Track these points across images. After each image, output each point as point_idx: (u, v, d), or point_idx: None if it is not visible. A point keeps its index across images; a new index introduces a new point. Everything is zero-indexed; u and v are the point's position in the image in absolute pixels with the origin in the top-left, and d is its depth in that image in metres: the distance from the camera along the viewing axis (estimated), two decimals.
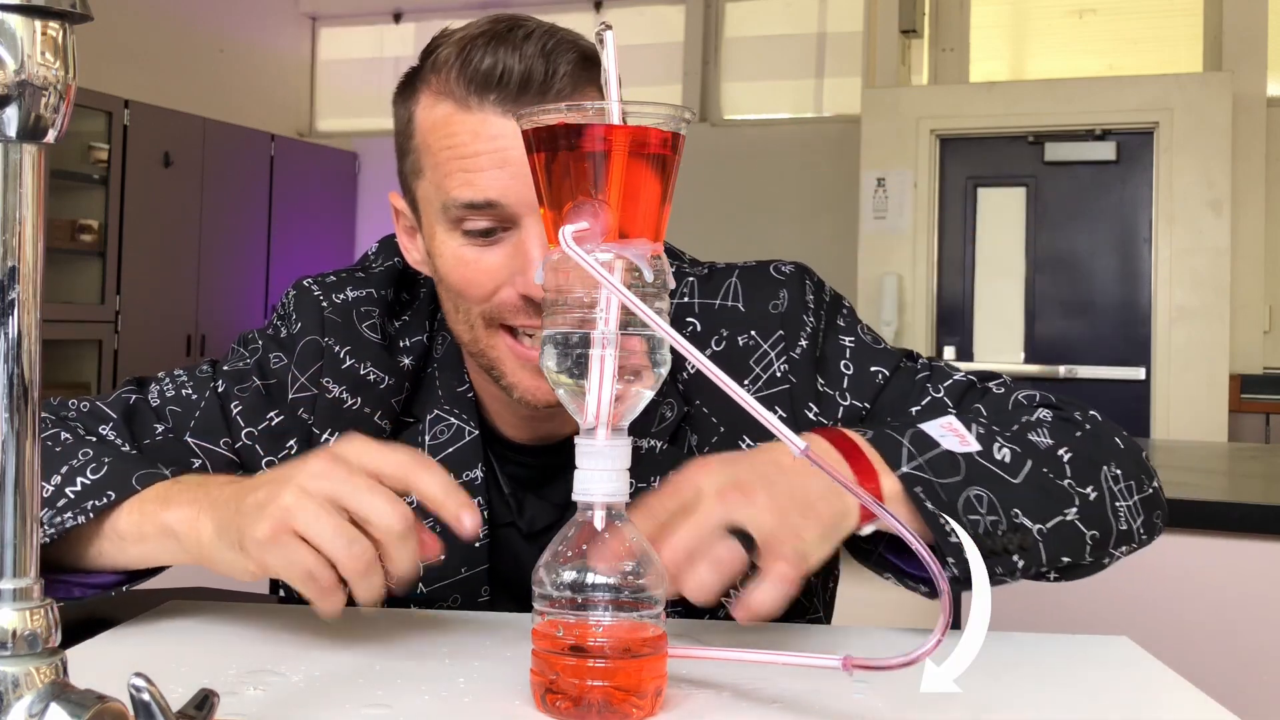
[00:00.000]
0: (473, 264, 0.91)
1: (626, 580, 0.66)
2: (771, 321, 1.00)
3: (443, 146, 0.91)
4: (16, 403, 0.51)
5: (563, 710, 0.65)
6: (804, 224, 6.19)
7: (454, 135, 0.90)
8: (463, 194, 0.89)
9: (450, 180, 0.90)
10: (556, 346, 0.66)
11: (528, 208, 0.88)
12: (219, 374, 1.05)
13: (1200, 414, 5.00)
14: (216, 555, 0.79)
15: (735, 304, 1.01)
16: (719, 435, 1.00)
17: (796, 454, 0.62)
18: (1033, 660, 0.83)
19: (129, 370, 5.33)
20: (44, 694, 0.50)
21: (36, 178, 0.51)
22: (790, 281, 1.01)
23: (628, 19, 6.55)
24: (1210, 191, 5.06)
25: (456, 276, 0.93)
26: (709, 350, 0.99)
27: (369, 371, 1.03)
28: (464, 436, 1.01)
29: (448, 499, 0.74)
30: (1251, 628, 1.76)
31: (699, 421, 1.00)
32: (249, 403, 1.03)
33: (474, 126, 0.89)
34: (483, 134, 0.89)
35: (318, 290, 1.05)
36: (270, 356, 1.04)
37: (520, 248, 0.90)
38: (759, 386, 0.99)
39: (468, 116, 0.90)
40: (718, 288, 1.02)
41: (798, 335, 1.00)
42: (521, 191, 0.87)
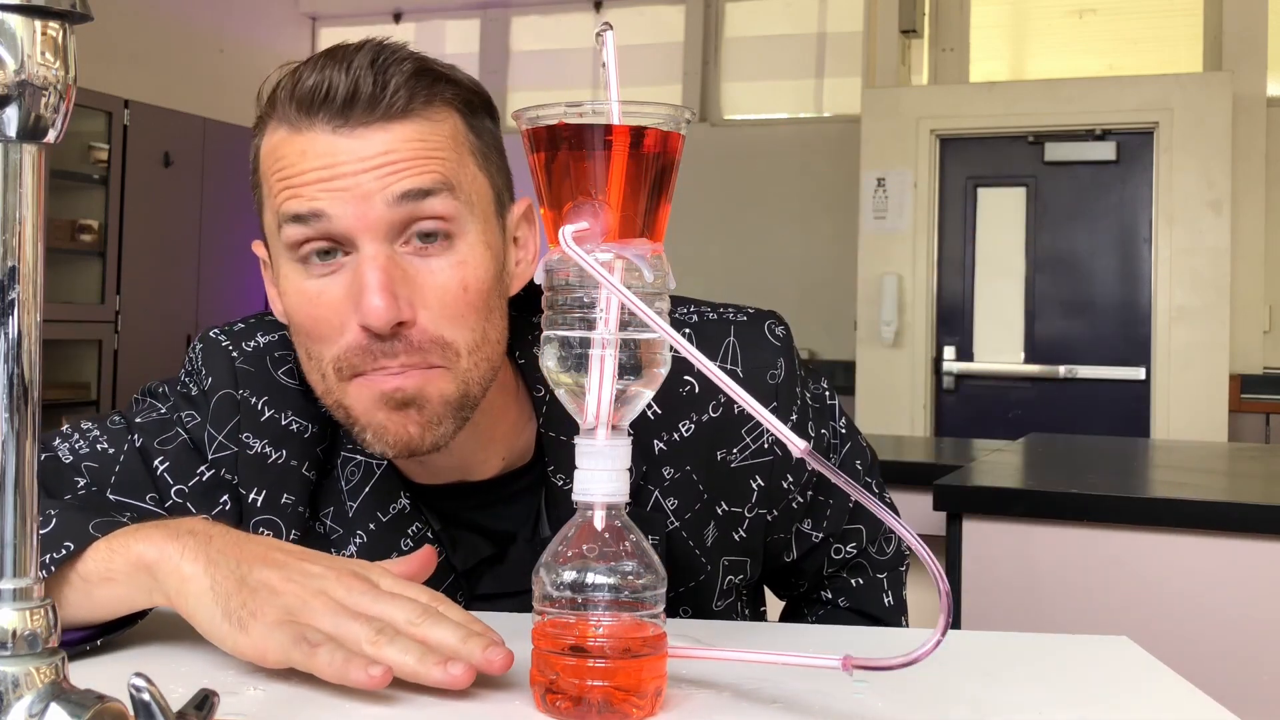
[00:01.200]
0: (315, 298, 0.86)
1: (626, 580, 0.66)
2: (767, 392, 0.98)
3: (274, 170, 0.87)
4: (16, 403, 0.51)
5: (563, 710, 0.65)
6: (804, 224, 6.19)
7: (283, 158, 0.86)
8: (290, 207, 0.85)
9: (279, 198, 0.86)
10: (557, 347, 0.66)
11: (361, 225, 0.84)
12: (134, 427, 0.99)
13: (1200, 414, 5.00)
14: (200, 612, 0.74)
15: (735, 368, 0.98)
16: (701, 502, 0.98)
17: (797, 453, 0.62)
18: (1033, 660, 0.83)
19: (129, 370, 5.33)
20: (44, 694, 0.50)
21: (36, 178, 0.51)
22: (784, 350, 1.00)
23: (628, 19, 6.55)
24: (1210, 191, 5.06)
25: (302, 315, 0.87)
26: (706, 415, 0.97)
27: (290, 421, 0.97)
28: (375, 471, 0.97)
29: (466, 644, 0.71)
30: (1251, 628, 1.76)
31: (684, 487, 0.97)
32: (175, 457, 0.97)
33: (302, 146, 0.85)
34: (310, 152, 0.85)
35: (226, 340, 1.00)
36: (183, 415, 0.99)
37: (357, 274, 0.84)
38: (746, 456, 0.98)
39: (297, 138, 0.86)
40: (715, 346, 0.99)
41: (790, 409, 0.99)
42: (351, 208, 0.83)
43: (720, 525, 1.00)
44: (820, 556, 1.09)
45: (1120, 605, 1.82)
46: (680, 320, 1.00)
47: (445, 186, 0.86)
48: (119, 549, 0.78)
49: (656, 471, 0.97)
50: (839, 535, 1.08)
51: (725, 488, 0.98)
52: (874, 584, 1.11)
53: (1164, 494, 1.99)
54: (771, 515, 1.01)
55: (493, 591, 0.98)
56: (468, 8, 7.04)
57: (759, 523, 1.01)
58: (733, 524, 1.00)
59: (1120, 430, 5.00)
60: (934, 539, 1.83)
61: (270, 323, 1.01)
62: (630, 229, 0.66)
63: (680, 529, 0.98)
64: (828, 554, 1.09)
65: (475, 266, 0.87)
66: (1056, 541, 1.88)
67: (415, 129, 0.86)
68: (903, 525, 0.62)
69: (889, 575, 1.12)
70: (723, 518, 0.99)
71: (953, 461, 2.52)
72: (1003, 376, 5.40)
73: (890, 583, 1.12)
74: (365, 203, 0.83)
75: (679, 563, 0.98)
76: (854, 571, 1.11)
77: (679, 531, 0.98)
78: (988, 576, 1.92)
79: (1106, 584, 1.84)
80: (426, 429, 0.87)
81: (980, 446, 2.99)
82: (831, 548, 1.09)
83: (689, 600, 1.01)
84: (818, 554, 1.08)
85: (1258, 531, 1.77)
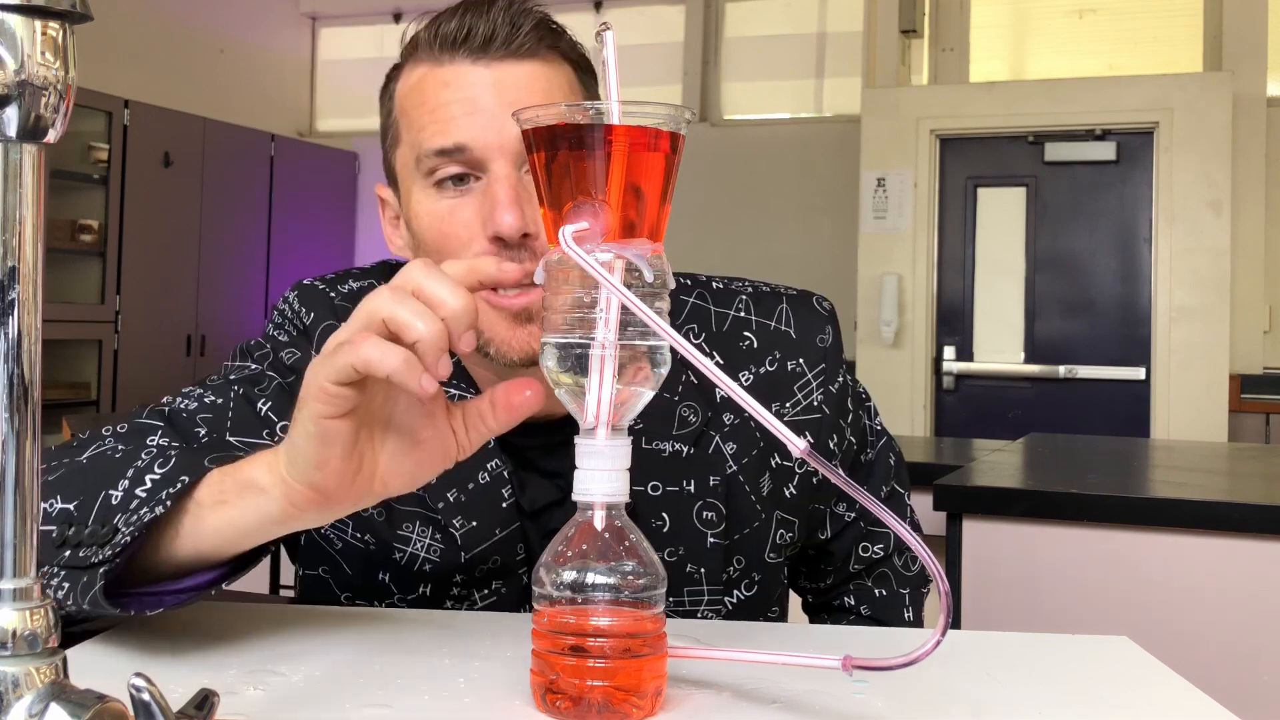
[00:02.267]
0: (447, 217, 0.93)
1: (626, 580, 0.66)
2: (817, 354, 1.07)
3: (416, 104, 0.95)
4: (16, 403, 0.51)
5: (563, 710, 0.65)
6: (804, 224, 6.19)
7: (426, 90, 0.95)
8: (434, 142, 0.93)
9: (424, 133, 0.94)
10: (557, 347, 0.66)
11: (496, 152, 0.91)
12: (231, 382, 1.03)
13: (1200, 414, 5.00)
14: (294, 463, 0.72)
15: (788, 329, 1.07)
16: (758, 449, 1.04)
17: (797, 453, 0.62)
18: (1033, 660, 0.83)
19: (129, 370, 5.33)
20: (44, 694, 0.50)
21: (36, 178, 0.51)
22: (831, 320, 1.09)
23: (628, 19, 6.55)
24: (1210, 191, 5.06)
25: (433, 234, 0.94)
26: (763, 368, 1.05)
27: None
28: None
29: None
30: (1251, 628, 1.76)
31: (743, 433, 1.03)
32: (276, 399, 1.01)
33: (444, 78, 0.94)
34: (453, 83, 0.93)
35: (322, 285, 1.08)
36: (283, 354, 1.04)
37: (489, 193, 0.91)
38: (798, 411, 1.05)
39: (439, 71, 0.94)
40: (771, 310, 1.07)
41: (837, 372, 1.08)
42: (489, 138, 0.91)
43: (774, 478, 1.05)
44: (851, 540, 1.14)
45: (1120, 605, 1.82)
46: (736, 290, 1.09)
47: None
48: (230, 473, 0.78)
49: (718, 418, 1.03)
50: (870, 523, 1.14)
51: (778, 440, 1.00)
52: (897, 598, 1.16)
53: (1164, 494, 1.99)
54: (816, 479, 1.06)
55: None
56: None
57: (806, 483, 1.06)
58: (784, 479, 1.05)
59: (1120, 430, 5.00)
60: (934, 539, 1.83)
61: (358, 273, 1.09)
62: (630, 229, 0.66)
63: (738, 473, 1.03)
64: (858, 543, 1.14)
65: None
66: (1056, 541, 1.88)
67: (542, 70, 0.95)
68: (902, 525, 0.62)
69: (911, 593, 1.17)
70: (776, 471, 1.05)
71: (953, 461, 2.52)
72: (1003, 376, 5.40)
73: (912, 599, 1.17)
74: (499, 126, 0.91)
75: (736, 507, 1.03)
76: (879, 581, 1.16)
77: (737, 476, 1.03)
78: (988, 576, 1.92)
79: (1106, 584, 1.84)
80: None
81: (980, 446, 2.99)
82: (861, 540, 1.14)
83: (743, 548, 1.04)
84: (848, 536, 1.14)
85: (1258, 531, 1.77)
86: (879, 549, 1.15)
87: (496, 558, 0.99)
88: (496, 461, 1.00)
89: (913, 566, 1.17)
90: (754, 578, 1.05)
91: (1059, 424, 5.03)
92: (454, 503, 0.99)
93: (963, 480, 2.05)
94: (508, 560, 0.99)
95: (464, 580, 0.99)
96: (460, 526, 0.98)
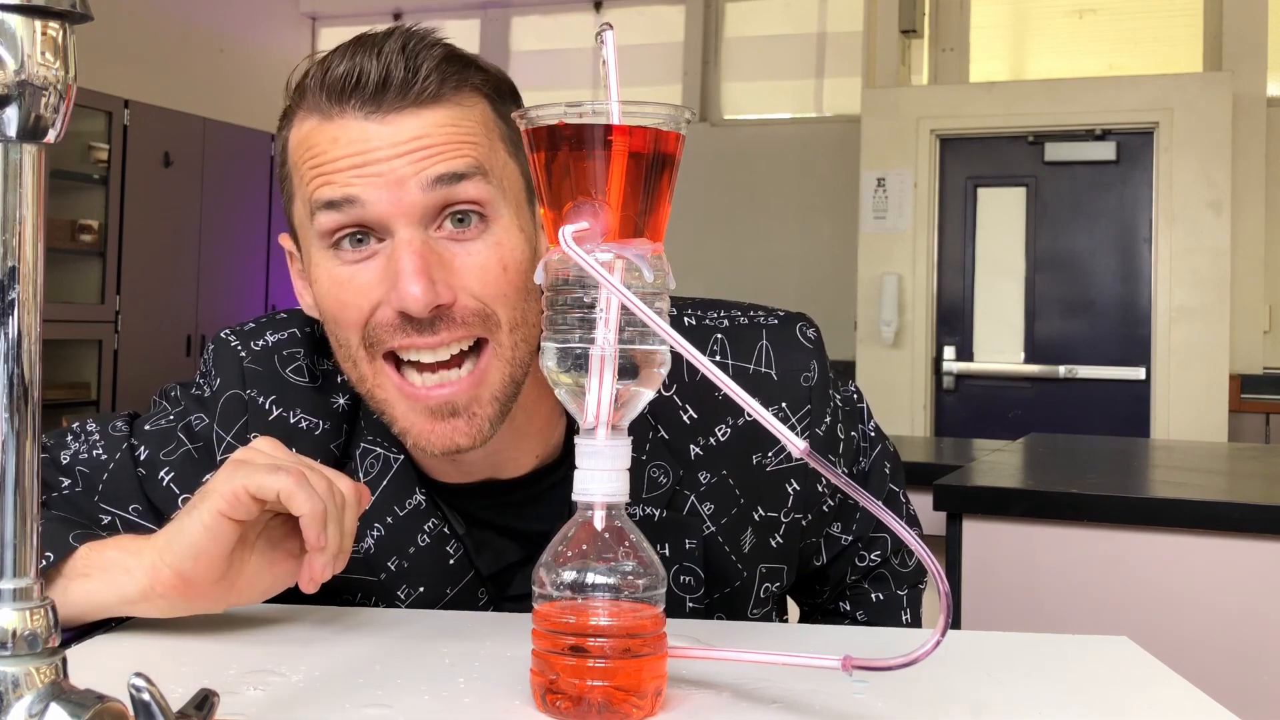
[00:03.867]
0: (346, 283, 0.86)
1: (626, 580, 0.66)
2: (801, 395, 0.98)
3: (306, 159, 0.87)
4: (16, 403, 0.51)
5: (563, 710, 0.65)
6: (804, 224, 6.19)
7: (315, 145, 0.87)
8: (323, 194, 0.85)
9: (311, 186, 0.86)
10: (557, 347, 0.66)
11: (395, 210, 0.84)
12: (140, 434, 1.00)
13: (1200, 414, 5.00)
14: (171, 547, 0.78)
15: (769, 371, 0.97)
16: (738, 507, 0.98)
17: (797, 454, 0.62)
18: (1033, 660, 0.83)
19: (129, 370, 5.33)
20: (44, 694, 0.50)
21: (36, 178, 0.51)
22: (816, 353, 1.00)
23: (628, 19, 6.55)
24: (1210, 191, 5.06)
25: (331, 300, 0.87)
26: (742, 419, 0.96)
27: (299, 419, 0.96)
28: (392, 465, 0.96)
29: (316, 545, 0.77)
30: (1251, 628, 1.76)
31: (721, 491, 0.97)
32: (180, 468, 0.98)
33: (333, 133, 0.86)
34: (341, 139, 0.85)
35: (235, 340, 1.00)
36: (193, 418, 0.99)
37: (392, 261, 0.84)
38: (780, 461, 0.98)
39: (328, 125, 0.86)
40: (749, 349, 0.98)
41: (824, 413, 0.99)
42: (385, 194, 0.83)
43: (757, 531, 0.99)
44: (847, 561, 1.09)
45: (1120, 605, 1.82)
46: (711, 325, 0.99)
47: (479, 170, 0.86)
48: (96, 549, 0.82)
49: (693, 476, 0.96)
50: (866, 541, 1.09)
51: (761, 492, 0.97)
52: (894, 600, 1.12)
53: (1164, 494, 1.99)
54: (805, 520, 1.01)
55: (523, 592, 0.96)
56: (468, 8, 7.04)
57: (794, 528, 1.00)
58: (770, 530, 0.99)
59: (1120, 430, 5.00)
60: (934, 539, 1.83)
61: (281, 320, 1.01)
62: (630, 229, 0.66)
63: (717, 534, 0.97)
64: (854, 559, 1.09)
65: (511, 249, 0.87)
66: (1056, 541, 1.88)
67: (447, 114, 0.86)
68: (901, 525, 0.62)
69: (909, 593, 1.12)
70: (760, 524, 0.99)
71: (953, 461, 2.52)
72: (1003, 376, 5.40)
73: (909, 600, 1.12)
74: (399, 188, 0.83)
75: (715, 568, 0.97)
76: (876, 584, 1.12)
77: (715, 537, 0.97)
78: (988, 576, 1.92)
79: (1106, 584, 1.84)
80: (476, 434, 0.87)
81: (980, 446, 2.99)
82: (858, 553, 1.09)
83: (724, 607, 1.00)
84: (845, 558, 1.09)
85: (1258, 531, 1.77)
86: (875, 556, 1.10)
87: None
88: (433, 521, 0.95)
89: (910, 562, 1.13)
90: None
91: (1059, 424, 5.03)
92: (397, 570, 0.95)
93: (963, 480, 2.05)
94: None
95: None
96: (406, 596, 0.95)
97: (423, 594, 0.95)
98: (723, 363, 0.97)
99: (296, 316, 1.01)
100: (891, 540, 1.11)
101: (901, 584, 1.13)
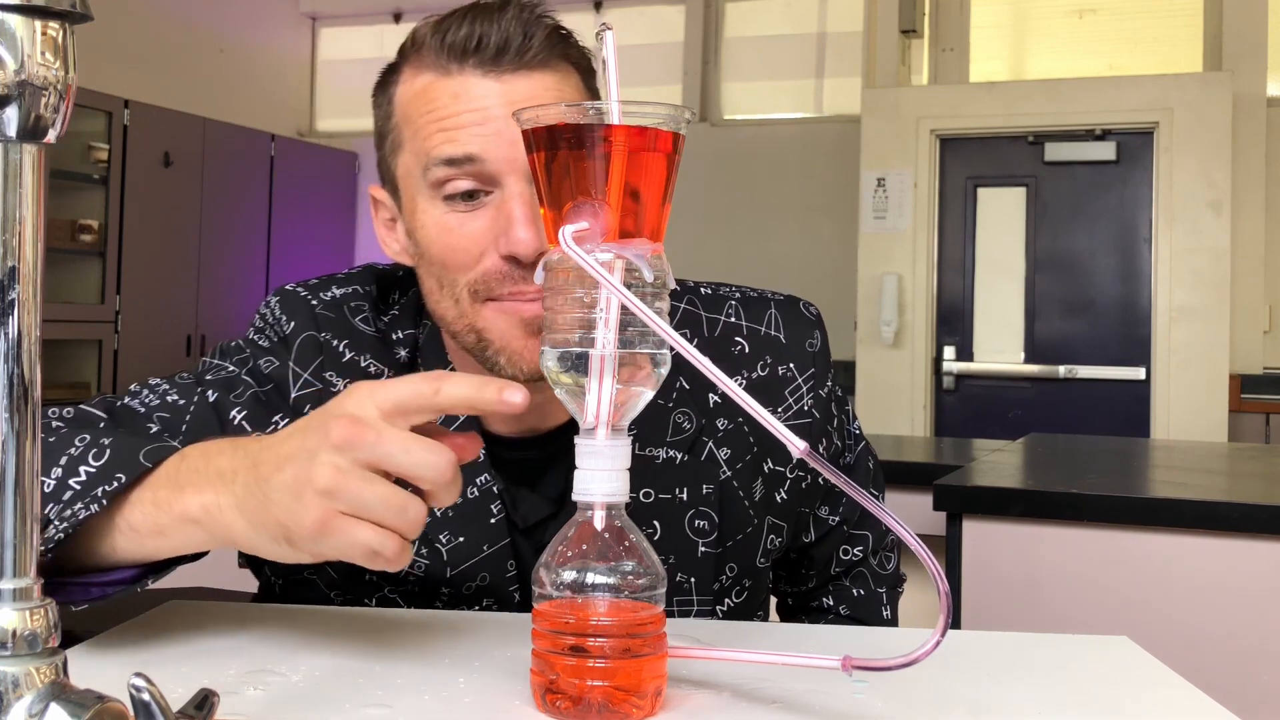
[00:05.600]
0: (455, 230, 0.91)
1: (626, 580, 0.66)
2: (807, 359, 1.06)
3: (423, 113, 0.93)
4: (16, 403, 0.51)
5: (563, 710, 0.65)
6: (804, 224, 6.19)
7: (434, 100, 0.92)
8: (443, 150, 0.90)
9: (431, 141, 0.91)
10: (557, 347, 0.66)
11: (509, 166, 0.89)
12: (203, 383, 1.01)
13: (1200, 414, 5.00)
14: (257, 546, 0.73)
15: (777, 334, 1.06)
16: (751, 454, 1.03)
17: (796, 454, 0.62)
18: (1033, 660, 0.83)
19: (129, 370, 5.33)
20: (44, 694, 0.50)
21: (36, 178, 0.51)
22: (819, 325, 1.09)
23: (628, 19, 6.55)
24: (1210, 191, 5.06)
25: (440, 246, 0.92)
26: (755, 373, 1.04)
27: (369, 364, 1.02)
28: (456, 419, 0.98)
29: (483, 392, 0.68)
30: (1251, 628, 1.76)
31: (736, 438, 1.02)
32: (251, 408, 1.00)
33: (454, 89, 0.91)
34: (462, 95, 0.91)
35: (303, 291, 1.05)
36: (261, 362, 1.02)
37: (503, 209, 0.90)
38: (788, 416, 1.05)
39: (448, 81, 0.92)
40: (760, 314, 1.07)
41: (825, 377, 1.08)
42: (503, 150, 0.89)
43: (766, 483, 1.05)
44: (833, 545, 1.14)
45: (1120, 605, 1.82)
46: (725, 296, 1.08)
47: None
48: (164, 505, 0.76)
49: (711, 424, 1.02)
50: (851, 527, 1.14)
51: (771, 444, 1.02)
52: (874, 597, 1.17)
53: (1164, 494, 1.99)
54: (805, 483, 1.07)
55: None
56: None
57: (796, 488, 1.07)
58: (776, 484, 1.05)
59: (1120, 430, 5.00)
60: (934, 539, 1.83)
61: (341, 279, 1.07)
62: (630, 229, 0.66)
63: (732, 478, 1.02)
64: (839, 547, 1.14)
65: None
66: (1056, 541, 1.88)
67: (552, 79, 0.93)
68: (900, 524, 0.62)
69: (888, 591, 1.18)
70: (769, 476, 1.05)
71: (953, 461, 2.52)
72: (1003, 376, 5.40)
73: (889, 598, 1.18)
74: (512, 142, 0.88)
75: (730, 512, 1.02)
76: (857, 581, 1.17)
77: (730, 481, 1.02)
78: (988, 576, 1.92)
79: (1106, 584, 1.84)
80: None
81: (980, 446, 2.99)
82: (842, 543, 1.14)
83: (736, 555, 1.03)
84: (831, 540, 1.14)
85: (1258, 531, 1.77)
86: (858, 551, 1.15)
87: (485, 574, 0.98)
88: (486, 476, 0.98)
89: (888, 566, 1.18)
90: (744, 584, 1.05)
91: (1059, 424, 5.03)
92: (441, 517, 0.97)
93: (963, 480, 2.05)
94: (496, 579, 0.98)
95: (450, 595, 0.98)
96: (447, 542, 0.97)
97: (461, 544, 0.98)
98: (737, 323, 1.06)
99: (355, 276, 1.08)
100: (873, 541, 1.16)
101: (880, 584, 1.17)
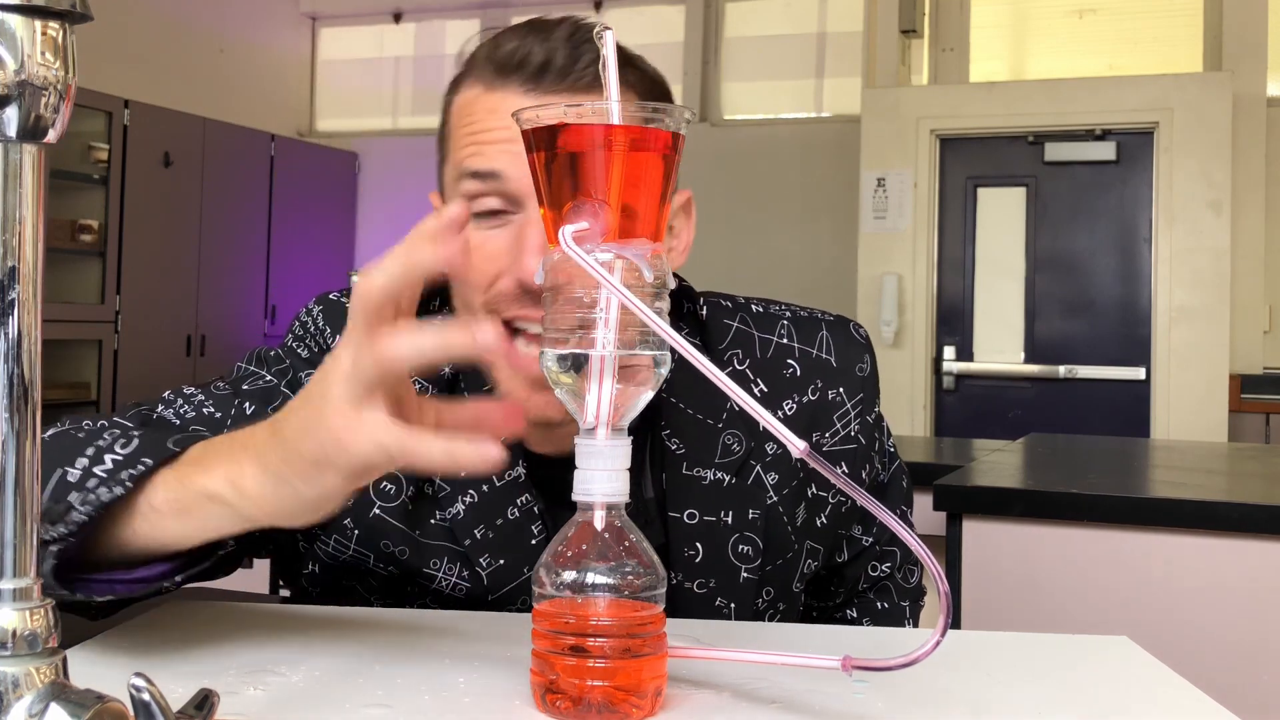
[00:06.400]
0: (478, 249, 0.91)
1: (626, 580, 0.66)
2: (856, 383, 1.07)
3: (463, 125, 0.93)
4: (16, 403, 0.51)
5: (563, 710, 0.65)
6: (804, 224, 6.19)
7: (474, 113, 0.92)
8: (471, 163, 0.90)
9: (463, 153, 0.92)
10: (557, 347, 0.66)
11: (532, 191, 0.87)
12: (240, 394, 0.99)
13: (1200, 414, 5.00)
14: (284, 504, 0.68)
15: (829, 358, 1.06)
16: (797, 480, 1.02)
17: (796, 455, 0.62)
18: (1033, 660, 0.83)
19: (129, 370, 5.33)
20: (44, 694, 0.50)
21: (36, 178, 0.51)
22: (868, 348, 1.10)
23: (628, 19, 6.55)
24: (1210, 191, 5.06)
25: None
26: (805, 397, 1.04)
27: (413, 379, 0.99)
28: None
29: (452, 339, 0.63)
30: (1251, 628, 1.76)
31: (784, 463, 1.01)
32: None
33: (493, 104, 0.91)
34: (499, 110, 0.90)
35: (346, 301, 1.02)
36: (302, 374, 0.99)
37: (520, 233, 0.89)
38: (836, 441, 1.05)
39: (490, 95, 0.92)
40: (812, 337, 1.06)
41: (874, 402, 1.08)
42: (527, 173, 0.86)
43: (809, 508, 1.04)
44: (864, 564, 1.13)
45: (1120, 605, 1.82)
46: (777, 314, 1.08)
47: None
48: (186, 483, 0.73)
49: (760, 447, 1.01)
50: (882, 546, 1.13)
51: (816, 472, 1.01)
52: (899, 610, 1.16)
53: (1164, 494, 1.99)
54: (845, 507, 1.06)
55: None
56: (468, 8, 7.03)
57: (836, 512, 1.06)
58: (818, 509, 1.05)
59: (1120, 430, 5.00)
60: (934, 539, 1.83)
61: None
62: (630, 229, 0.66)
63: (778, 504, 1.02)
64: (869, 565, 1.14)
65: None
66: (1056, 541, 1.88)
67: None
68: (901, 525, 0.62)
69: (911, 605, 1.17)
70: (811, 501, 1.04)
71: (953, 461, 2.52)
72: (1003, 376, 5.40)
73: (911, 611, 1.17)
74: None
75: (774, 538, 1.01)
76: (882, 594, 1.16)
77: (776, 507, 1.01)
78: (988, 576, 1.92)
79: (1106, 584, 1.84)
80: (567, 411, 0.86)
81: (980, 446, 2.99)
82: (872, 560, 1.14)
83: (774, 579, 1.03)
84: (863, 560, 1.13)
85: (1258, 531, 1.77)
86: (886, 567, 1.14)
87: (524, 598, 0.97)
88: (527, 497, 0.97)
89: (912, 580, 1.17)
90: (779, 607, 1.04)
91: (1059, 424, 5.03)
92: (481, 540, 0.96)
93: (963, 480, 2.05)
94: None
95: None
96: (488, 565, 0.96)
97: (502, 567, 0.96)
98: (789, 344, 1.05)
99: None
100: (900, 556, 1.15)
101: (904, 597, 1.17)
